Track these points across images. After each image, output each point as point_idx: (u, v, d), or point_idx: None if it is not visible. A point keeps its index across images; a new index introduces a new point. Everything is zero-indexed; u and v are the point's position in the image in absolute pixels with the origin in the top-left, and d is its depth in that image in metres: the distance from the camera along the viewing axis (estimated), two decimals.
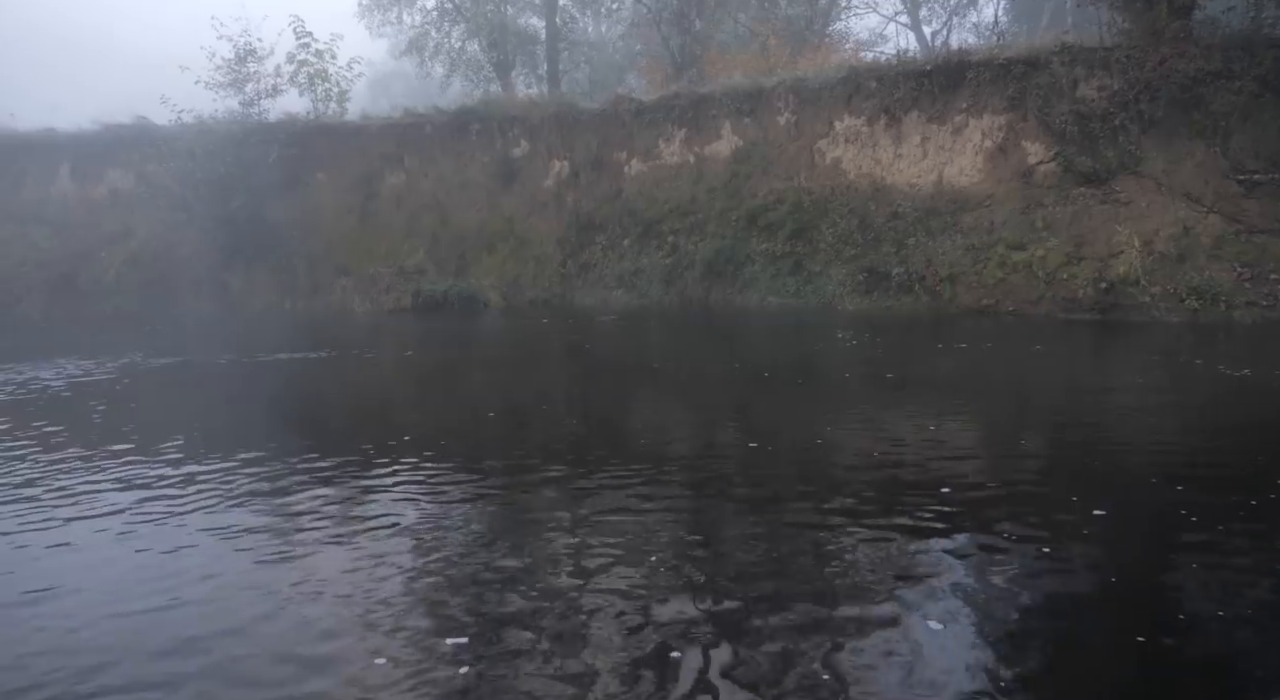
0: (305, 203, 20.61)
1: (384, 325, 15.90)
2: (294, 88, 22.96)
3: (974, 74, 15.36)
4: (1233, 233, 12.76)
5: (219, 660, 3.05)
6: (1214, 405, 7.23)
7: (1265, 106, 13.18)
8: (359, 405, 8.62)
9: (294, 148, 20.77)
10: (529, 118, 19.88)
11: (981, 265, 14.21)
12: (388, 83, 41.43)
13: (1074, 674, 2.91)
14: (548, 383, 9.53)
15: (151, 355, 11.36)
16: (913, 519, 4.37)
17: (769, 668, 2.91)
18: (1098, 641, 3.14)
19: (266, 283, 19.98)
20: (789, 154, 17.08)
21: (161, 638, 3.23)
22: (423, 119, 20.90)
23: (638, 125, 18.70)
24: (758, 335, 13.14)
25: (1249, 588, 3.51)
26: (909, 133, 15.92)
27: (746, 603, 3.42)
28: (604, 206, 18.54)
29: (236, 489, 5.13)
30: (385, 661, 3.02)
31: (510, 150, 19.91)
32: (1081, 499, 4.58)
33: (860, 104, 16.43)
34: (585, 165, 19.06)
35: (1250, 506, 4.46)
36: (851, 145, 16.49)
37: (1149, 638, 3.12)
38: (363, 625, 3.29)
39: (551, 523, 4.55)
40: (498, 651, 3.10)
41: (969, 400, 7.73)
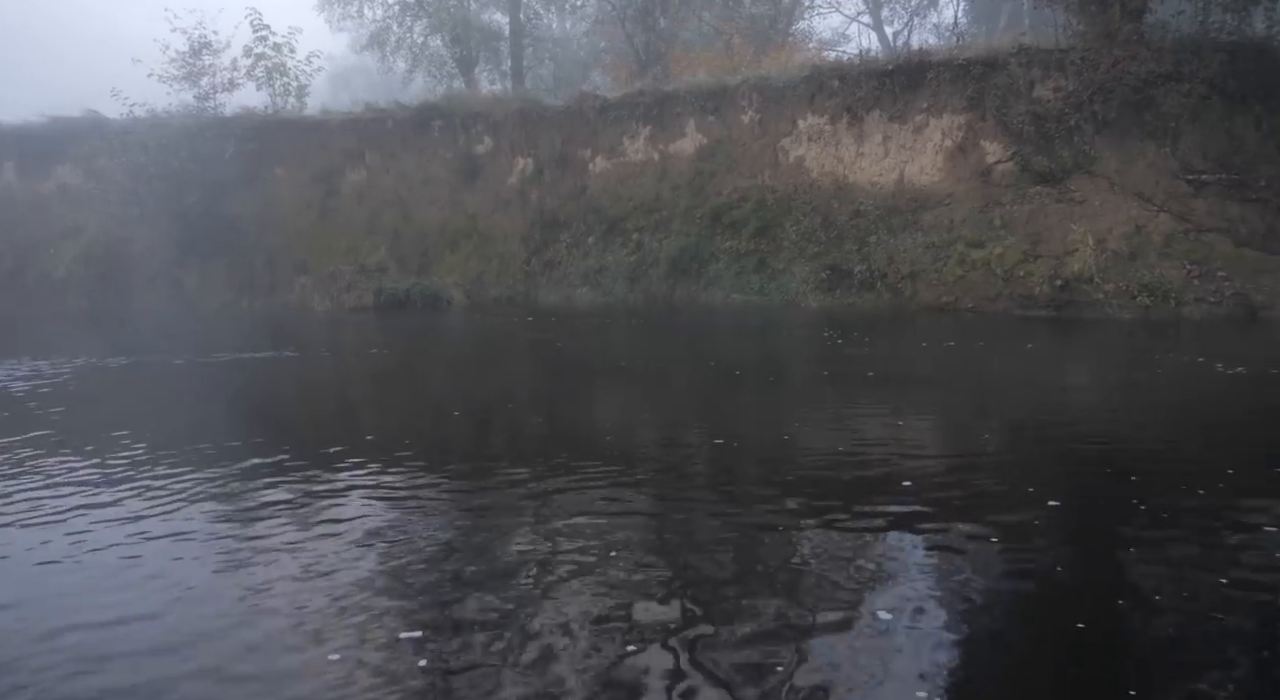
0: (263, 198, 20.25)
1: (345, 324, 15.69)
2: (251, 82, 22.56)
3: (934, 74, 15.58)
4: (1182, 231, 13.11)
5: (172, 668, 2.98)
6: (1171, 399, 7.42)
7: (1213, 108, 13.55)
8: (321, 406, 8.50)
9: (251, 142, 20.40)
10: (492, 114, 19.74)
11: (942, 263, 14.43)
12: (348, 77, 40.87)
13: (1015, 662, 3.00)
14: (513, 382, 9.48)
15: (106, 355, 11.08)
16: (875, 515, 4.42)
17: (731, 667, 2.93)
18: (1039, 630, 3.23)
19: (223, 280, 19.60)
20: (753, 152, 17.17)
21: (107, 649, 3.15)
22: (384, 114, 20.65)
23: (602, 122, 18.66)
24: (728, 333, 13.20)
25: (1188, 576, 3.62)
26: (871, 132, 16.10)
27: (710, 601, 3.43)
28: (568, 204, 18.49)
29: (192, 492, 5.02)
30: (343, 661, 2.97)
31: (473, 147, 19.75)
32: (1038, 491, 4.68)
33: (823, 103, 16.58)
34: (549, 162, 18.98)
35: (1198, 496, 4.59)
36: (814, 144, 16.63)
37: (1088, 624, 3.21)
38: (321, 628, 3.24)
39: (516, 524, 4.52)
40: (459, 653, 3.07)
41: (943, 396, 7.84)
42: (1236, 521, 4.23)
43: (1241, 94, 13.53)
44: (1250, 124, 13.53)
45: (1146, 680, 2.82)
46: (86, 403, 8.18)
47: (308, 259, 19.26)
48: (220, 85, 21.79)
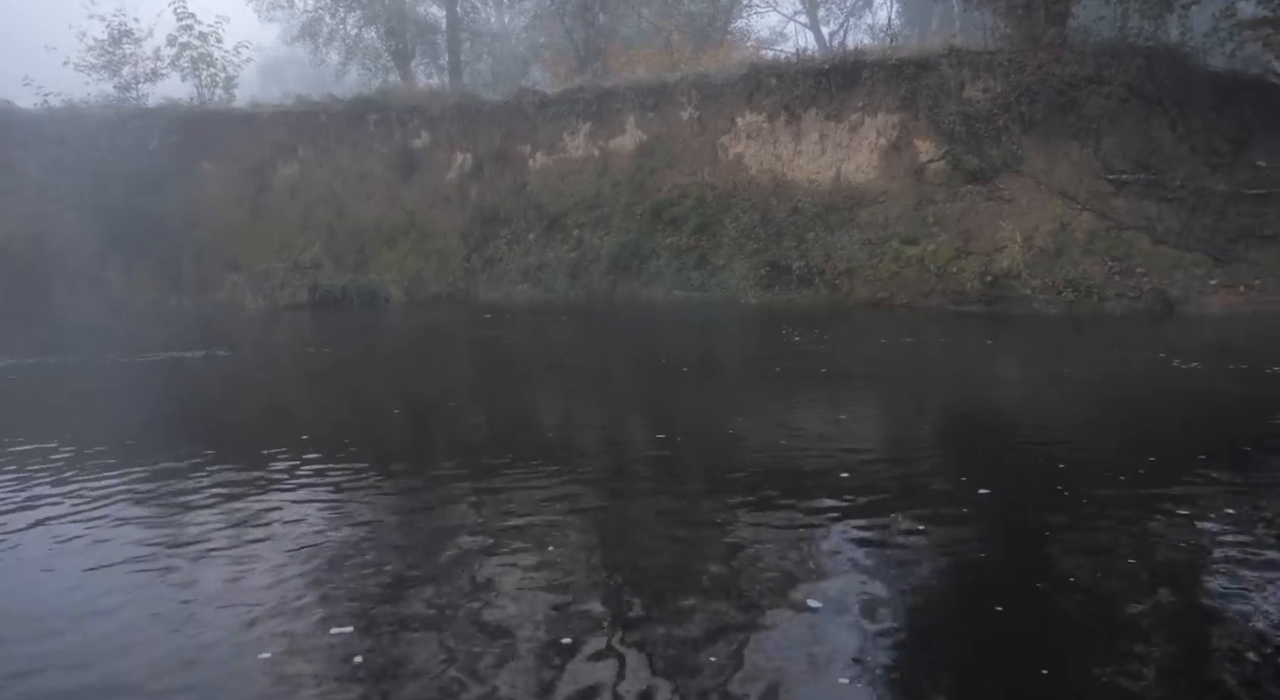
0: (191, 193, 19.58)
1: (279, 322, 15.28)
2: (176, 72, 21.82)
3: (869, 74, 15.88)
4: (1104, 229, 13.64)
5: (94, 679, 2.87)
6: (1100, 390, 7.71)
7: (1132, 111, 14.13)
8: (255, 406, 8.26)
9: (176, 135, 19.69)
10: (429, 109, 19.44)
11: (877, 259, 14.73)
12: (279, 69, 39.80)
13: (933, 644, 3.12)
14: (456, 379, 9.36)
15: (25, 355, 10.58)
16: (813, 508, 4.50)
17: (666, 660, 2.95)
18: (959, 614, 3.37)
19: (149, 277, 18.90)
20: (692, 149, 17.27)
21: (30, 663, 3.02)
22: (317, 107, 20.16)
23: (542, 118, 18.54)
24: (677, 330, 13.19)
25: (1103, 561, 3.79)
26: (808, 130, 16.34)
27: (647, 594, 3.45)
28: (508, 200, 18.33)
29: (118, 497, 4.84)
30: (274, 661, 2.90)
31: (410, 141, 19.43)
32: (970, 480, 4.83)
33: (761, 101, 16.75)
34: (488, 158, 18.79)
35: (1119, 483, 4.79)
36: (753, 141, 16.80)
37: (1006, 607, 3.34)
38: (254, 629, 3.16)
39: (456, 522, 4.47)
40: (397, 653, 3.03)
41: (896, 391, 8.01)
42: (1155, 508, 4.43)
43: (1158, 97, 14.13)
44: (1166, 126, 14.13)
45: (1060, 661, 2.94)
46: (5, 405, 7.80)
47: (239, 255, 18.69)
48: (142, 75, 21.05)
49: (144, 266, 18.95)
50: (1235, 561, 3.72)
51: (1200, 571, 3.71)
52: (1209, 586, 3.55)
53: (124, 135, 19.17)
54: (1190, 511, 4.32)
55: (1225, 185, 13.43)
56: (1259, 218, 13.19)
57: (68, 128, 19.05)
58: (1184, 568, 3.75)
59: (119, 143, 19.03)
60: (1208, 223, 13.29)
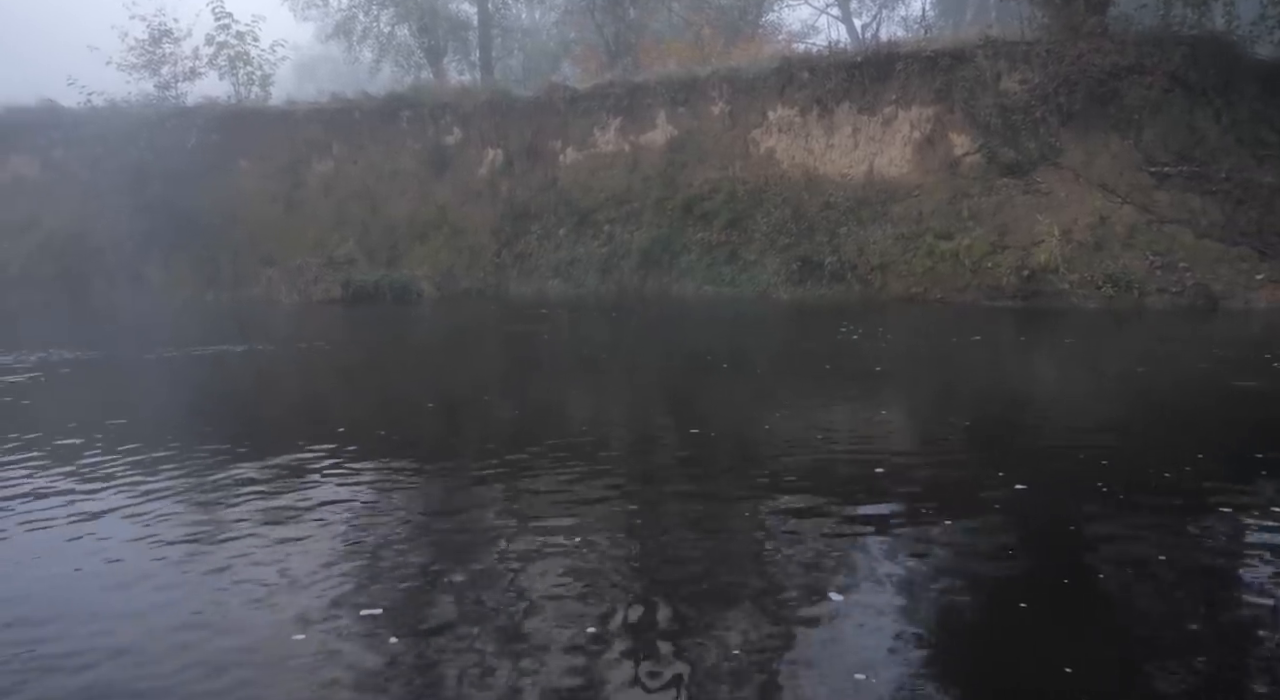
0: (227, 190, 19.88)
1: (314, 317, 15.47)
2: (213, 71, 22.15)
3: (903, 66, 15.68)
4: (1145, 223, 13.34)
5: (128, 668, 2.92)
6: (1143, 387, 7.56)
7: (1174, 101, 13.80)
8: (294, 399, 8.38)
9: (214, 133, 20.00)
10: (461, 105, 19.54)
11: (911, 254, 14.55)
12: (314, 67, 40.24)
13: (952, 639, 3.08)
14: (491, 374, 9.41)
15: (71, 349, 10.81)
16: (848, 502, 4.46)
17: (703, 660, 2.93)
18: (981, 610, 3.33)
19: (188, 274, 19.22)
20: (723, 143, 17.18)
21: (88, 643, 3.08)
22: (351, 105, 20.35)
23: (572, 114, 18.55)
24: (726, 326, 13.01)
25: (1135, 556, 3.72)
26: (840, 123, 16.18)
27: (684, 594, 3.44)
28: (539, 196, 18.37)
29: (164, 487, 4.93)
30: (309, 642, 2.93)
31: (442, 138, 19.54)
32: (1007, 475, 4.76)
33: (793, 94, 16.62)
34: (519, 154, 18.84)
35: (1163, 479, 4.69)
36: (785, 135, 16.68)
37: (1030, 604, 3.29)
38: (290, 620, 3.20)
39: (490, 516, 4.49)
40: (428, 643, 3.05)
41: (930, 388, 7.92)
42: (1195, 505, 4.33)
43: (1202, 87, 13.78)
44: (1210, 117, 13.79)
45: (1083, 659, 2.88)
46: (54, 399, 7.98)
47: (274, 251, 18.95)
48: (181, 74, 21.38)
49: (182, 263, 19.28)
50: (1275, 563, 3.62)
51: (1238, 572, 3.62)
52: (1246, 587, 3.46)
53: (163, 134, 19.50)
54: (1233, 510, 4.22)
55: (1272, 177, 13.06)
56: None
57: (109, 126, 19.42)
58: (1221, 568, 3.66)
59: (158, 141, 19.37)
60: (1253, 216, 12.94)
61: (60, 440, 6.05)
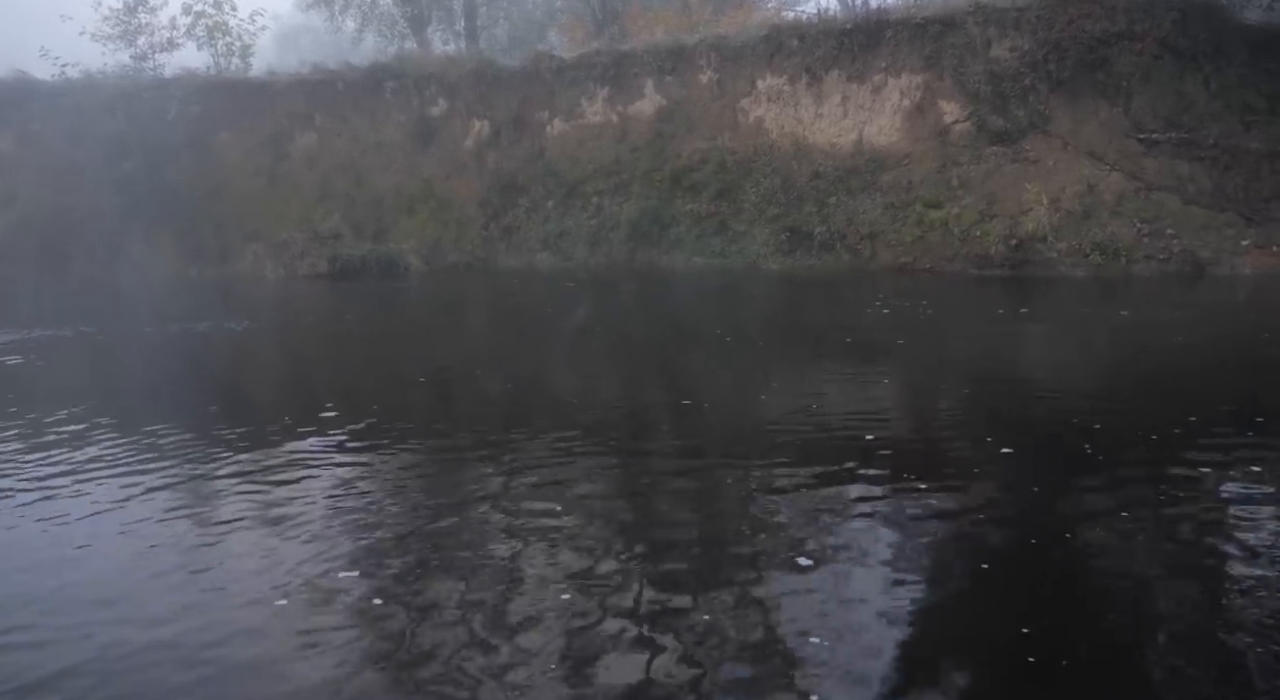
0: (209, 163, 19.58)
1: (301, 292, 15.34)
2: (191, 41, 21.73)
3: (892, 33, 15.54)
4: (1133, 190, 13.35)
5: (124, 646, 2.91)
6: (1129, 353, 7.60)
7: (1164, 68, 13.75)
8: (282, 375, 8.32)
9: (194, 105, 19.64)
10: (446, 76, 19.25)
11: (900, 224, 14.53)
12: (295, 37, 39.56)
13: (913, 599, 3.11)
14: (489, 347, 9.36)
15: (51, 327, 10.68)
16: (839, 468, 4.48)
17: (697, 627, 2.94)
18: (945, 570, 3.38)
19: (170, 248, 18.97)
20: (712, 113, 17.02)
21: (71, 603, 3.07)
22: (334, 76, 20.02)
23: (559, 84, 18.32)
24: (743, 299, 12.90)
25: (1106, 515, 3.76)
26: (830, 92, 16.05)
27: (675, 560, 3.46)
28: (526, 167, 18.19)
29: (150, 464, 4.89)
30: (292, 611, 2.93)
31: (428, 109, 19.28)
32: (995, 441, 4.80)
33: (782, 63, 16.46)
34: (506, 125, 18.61)
35: (1150, 442, 4.73)
36: (774, 104, 16.53)
37: (992, 565, 3.35)
38: (273, 579, 3.18)
39: (482, 488, 4.48)
40: (420, 612, 3.04)
41: (934, 358, 7.94)
42: (1175, 466, 4.37)
43: (1192, 53, 13.73)
44: (1199, 83, 13.75)
45: (1042, 617, 2.92)
46: (35, 375, 7.89)
47: (258, 225, 18.72)
48: (158, 44, 20.98)
49: (164, 237, 19.01)
50: (1252, 524, 3.65)
51: (1207, 531, 3.64)
52: (1213, 546, 3.48)
53: (141, 106, 19.15)
54: (1211, 470, 4.25)
55: (1260, 143, 13.07)
56: None
57: (85, 99, 19.04)
58: (1192, 528, 3.68)
59: (136, 113, 19.02)
60: (1240, 182, 12.96)
61: (46, 415, 5.99)
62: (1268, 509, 3.78)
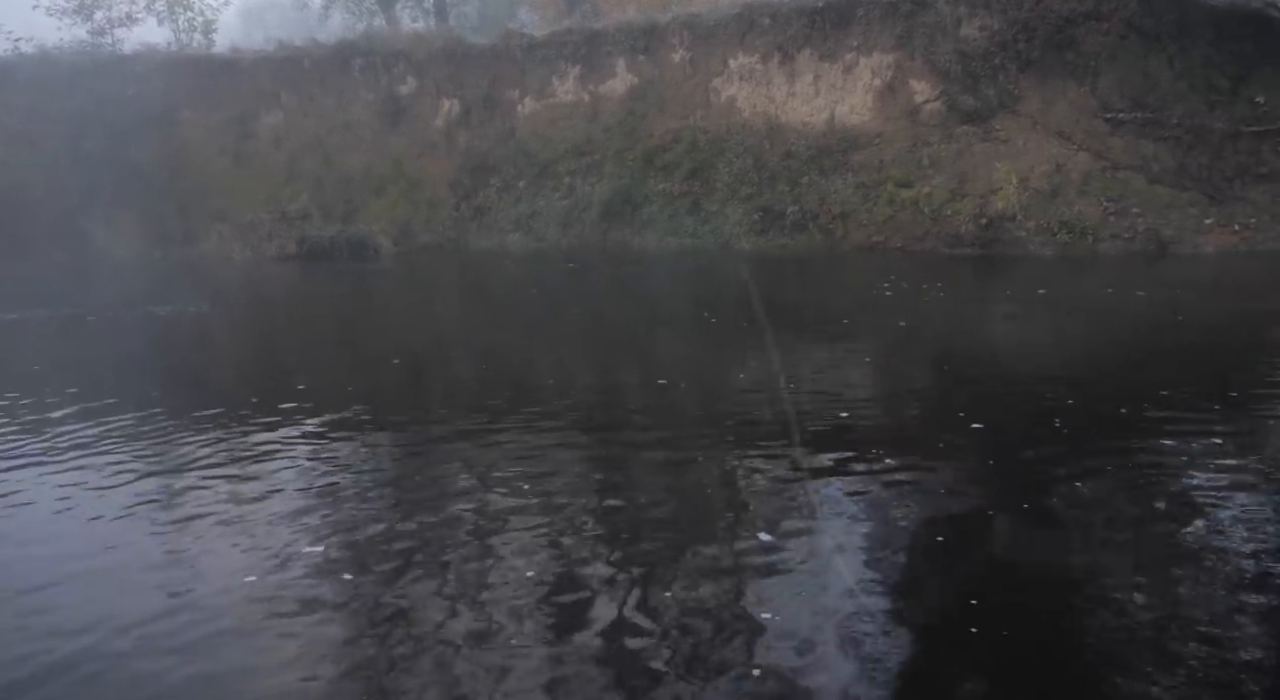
0: (172, 142, 19.16)
1: (269, 274, 15.12)
2: (151, 17, 21.20)
3: (864, 12, 15.52)
4: (1099, 169, 13.52)
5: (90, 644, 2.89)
6: (1095, 330, 7.73)
7: (1130, 48, 13.89)
8: (252, 358, 8.21)
9: (155, 82, 19.17)
10: (415, 53, 18.97)
11: (871, 203, 14.60)
12: (260, 14, 38.79)
13: (866, 568, 3.18)
14: (465, 329, 9.30)
15: (9, 310, 10.44)
16: (811, 445, 4.53)
17: (668, 604, 2.97)
18: (897, 542, 3.44)
19: (133, 229, 18.58)
20: (684, 92, 16.95)
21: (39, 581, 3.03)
22: (300, 53, 19.65)
23: (530, 62, 18.12)
24: (694, 278, 12.84)
25: (1082, 485, 3.85)
26: (802, 71, 16.03)
27: (648, 537, 3.48)
28: (497, 147, 18.01)
29: (115, 449, 4.82)
30: (279, 622, 2.92)
31: (396, 87, 19.00)
32: (967, 416, 4.87)
33: (754, 41, 16.40)
34: (476, 104, 18.40)
35: (1119, 416, 4.82)
36: (746, 83, 16.49)
37: (947, 536, 3.43)
38: (245, 562, 3.17)
39: (452, 465, 4.48)
40: (395, 594, 3.04)
41: (915, 335, 8.01)
42: (1141, 439, 4.46)
43: (1157, 33, 13.88)
44: (1164, 63, 13.92)
45: (990, 588, 2.99)
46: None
47: (224, 206, 18.38)
48: (117, 19, 20.44)
49: (127, 218, 18.61)
50: (1211, 498, 3.73)
51: (1164, 501, 3.72)
52: (1168, 516, 3.55)
53: (100, 83, 18.65)
54: (1175, 442, 4.35)
55: (1223, 123, 13.28)
56: (1256, 155, 13.07)
57: (40, 74, 18.51)
58: (1154, 501, 3.74)
59: (95, 90, 18.53)
60: (1204, 161, 13.18)
61: (8, 398, 5.87)
62: (1224, 479, 3.88)
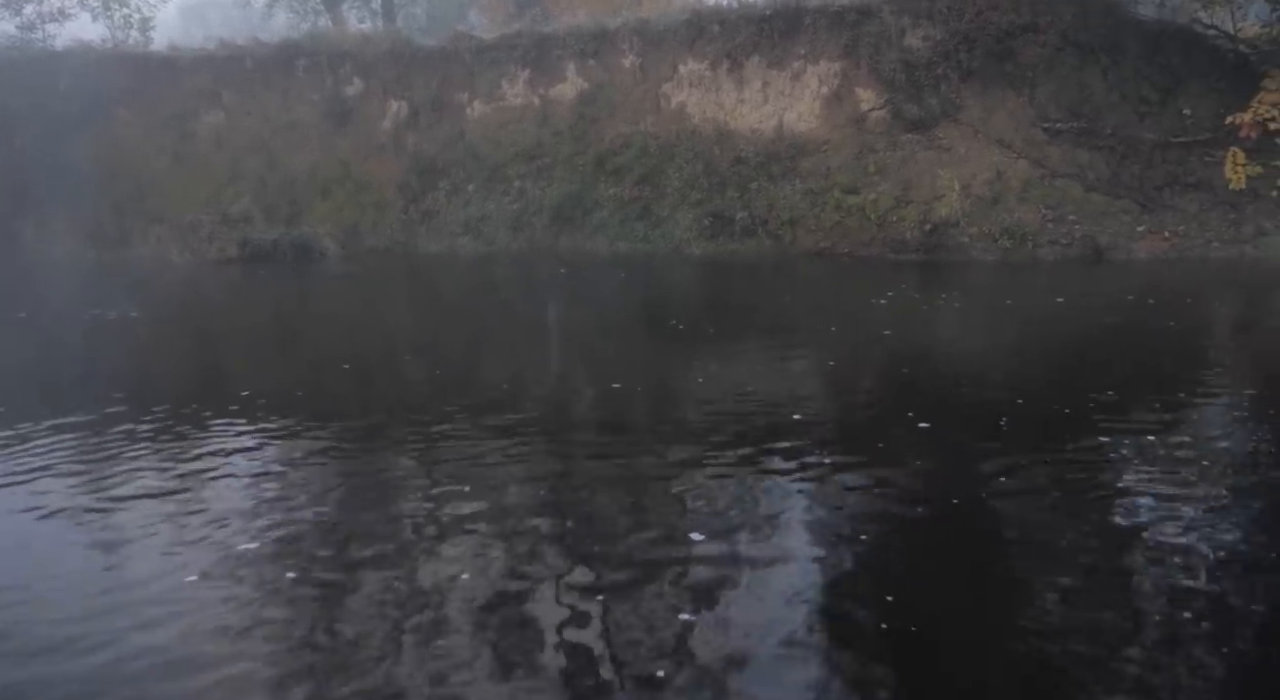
0: (107, 142, 18.56)
1: (209, 277, 14.72)
2: (85, 12, 20.51)
3: (811, 21, 15.75)
4: (1038, 177, 13.91)
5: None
6: (1038, 334, 7.92)
7: (1066, 60, 14.34)
8: (194, 363, 7.98)
9: (89, 80, 18.56)
10: (362, 54, 18.69)
11: (819, 209, 14.79)
12: (201, 11, 37.89)
13: (805, 557, 3.25)
14: (412, 334, 9.16)
15: None
16: (757, 446, 4.56)
17: (618, 608, 2.96)
18: (829, 534, 3.52)
19: (66, 230, 17.96)
20: (635, 97, 16.99)
21: None
22: (242, 52, 19.21)
23: (479, 65, 17.99)
24: (647, 282, 12.83)
25: (1007, 479, 3.97)
26: (750, 78, 16.19)
27: (598, 541, 3.46)
28: (446, 150, 17.83)
29: (51, 457, 4.63)
30: (225, 610, 2.83)
31: (343, 88, 18.69)
32: (915, 416, 4.95)
33: (703, 48, 16.52)
34: (425, 106, 18.19)
35: (1063, 415, 4.96)
36: (696, 89, 16.60)
37: (877, 532, 3.46)
38: (187, 567, 3.07)
39: (406, 474, 4.40)
40: (342, 598, 2.98)
41: (868, 342, 8.09)
42: (1078, 436, 4.59)
43: (1091, 46, 14.35)
44: (1098, 75, 14.39)
45: (904, 587, 3.03)
46: None
47: (163, 207, 17.85)
48: (48, 14, 19.74)
49: (59, 218, 17.98)
50: (1149, 489, 3.85)
51: (1092, 494, 3.83)
52: (1097, 509, 3.65)
53: (31, 79, 18.01)
54: (1109, 439, 4.48)
55: (1153, 134, 13.78)
56: (1184, 165, 13.59)
57: None
58: (1082, 495, 3.85)
59: (25, 87, 17.88)
60: (1136, 170, 13.65)
61: None
62: (1158, 475, 4.00)
